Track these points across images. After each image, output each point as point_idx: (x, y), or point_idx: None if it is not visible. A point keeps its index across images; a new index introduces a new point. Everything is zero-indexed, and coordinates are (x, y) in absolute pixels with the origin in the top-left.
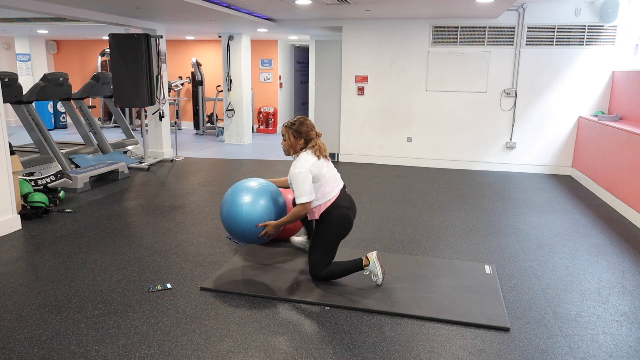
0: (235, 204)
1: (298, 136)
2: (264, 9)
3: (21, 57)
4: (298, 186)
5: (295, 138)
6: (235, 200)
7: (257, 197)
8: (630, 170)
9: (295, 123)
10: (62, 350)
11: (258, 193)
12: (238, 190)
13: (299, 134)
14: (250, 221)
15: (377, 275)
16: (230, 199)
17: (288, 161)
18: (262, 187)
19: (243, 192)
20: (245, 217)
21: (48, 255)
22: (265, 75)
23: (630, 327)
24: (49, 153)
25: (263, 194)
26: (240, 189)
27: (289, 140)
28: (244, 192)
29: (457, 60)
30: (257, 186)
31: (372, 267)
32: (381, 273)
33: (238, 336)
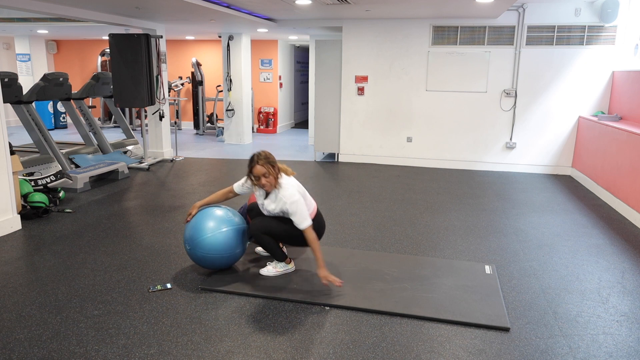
0: (200, 240)
1: (274, 167)
2: (264, 9)
3: (21, 57)
4: (300, 213)
5: (274, 169)
6: (199, 237)
7: (218, 225)
8: (630, 170)
9: (268, 156)
10: (62, 350)
11: (217, 222)
12: (197, 231)
13: (274, 164)
14: (219, 247)
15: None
16: (195, 240)
17: (288, 161)
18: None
19: (202, 229)
20: (216, 246)
21: (48, 255)
22: (265, 75)
23: (630, 327)
24: (49, 153)
25: (220, 221)
26: (199, 228)
27: (272, 174)
28: (203, 229)
29: (457, 60)
30: (209, 219)
31: (284, 267)
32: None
33: (238, 336)
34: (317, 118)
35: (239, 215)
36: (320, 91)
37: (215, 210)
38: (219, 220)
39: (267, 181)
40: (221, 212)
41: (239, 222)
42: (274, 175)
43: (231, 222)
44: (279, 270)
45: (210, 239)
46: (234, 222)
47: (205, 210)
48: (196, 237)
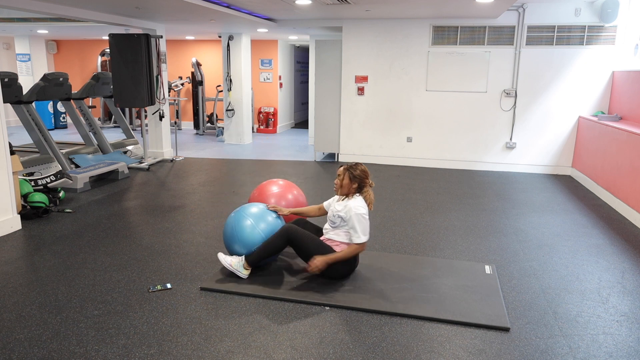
0: (238, 225)
1: (353, 180)
2: (264, 9)
3: (21, 57)
4: (361, 225)
5: (350, 181)
6: (239, 222)
7: (258, 220)
8: (630, 170)
9: (355, 168)
10: (62, 350)
11: (259, 217)
12: (241, 216)
13: (354, 178)
14: (247, 242)
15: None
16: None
17: (288, 161)
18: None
19: (246, 217)
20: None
21: (48, 255)
22: (265, 75)
23: (630, 327)
24: (49, 153)
25: (263, 218)
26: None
27: (343, 180)
28: (247, 217)
29: (457, 60)
30: (257, 212)
31: (239, 268)
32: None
33: (238, 336)
34: (317, 118)
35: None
36: (320, 91)
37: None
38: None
39: (338, 182)
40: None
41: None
42: (343, 182)
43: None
44: (233, 266)
45: (254, 233)
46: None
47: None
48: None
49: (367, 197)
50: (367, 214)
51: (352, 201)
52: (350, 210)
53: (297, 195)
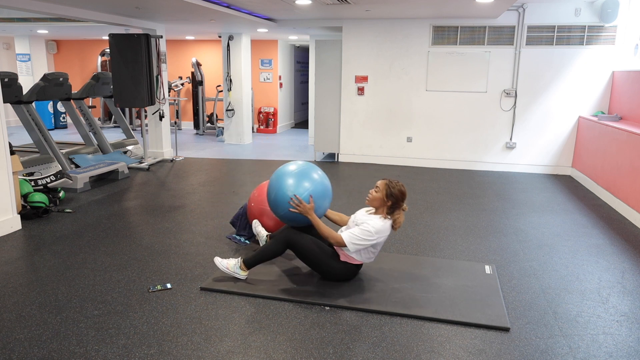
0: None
1: (389, 197)
2: (264, 9)
3: (21, 57)
4: (360, 237)
5: (385, 196)
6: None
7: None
8: (630, 170)
9: (395, 186)
10: (62, 350)
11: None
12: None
13: (390, 196)
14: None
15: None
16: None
17: (288, 161)
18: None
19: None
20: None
21: (48, 255)
22: (265, 75)
23: (630, 327)
24: (49, 153)
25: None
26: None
27: (379, 194)
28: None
29: (457, 60)
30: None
31: (236, 271)
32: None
33: (238, 336)
34: (317, 118)
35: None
36: (320, 91)
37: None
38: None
39: (374, 193)
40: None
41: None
42: (378, 196)
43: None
44: (230, 269)
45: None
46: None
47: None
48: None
49: (397, 220)
50: (375, 236)
51: (377, 218)
52: (366, 222)
53: None
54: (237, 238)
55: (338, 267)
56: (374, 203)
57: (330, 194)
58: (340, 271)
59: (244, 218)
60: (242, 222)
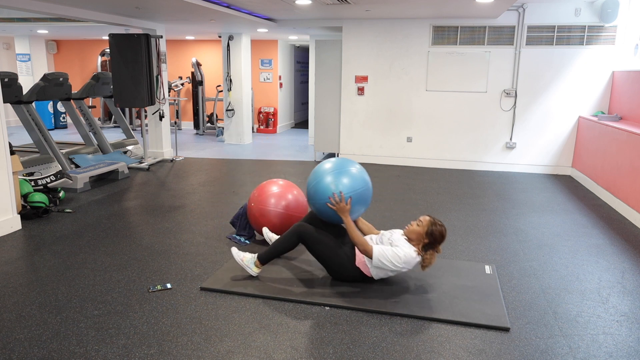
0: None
1: (428, 234)
2: (264, 9)
3: (21, 57)
4: (389, 258)
5: (425, 233)
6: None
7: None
8: (630, 170)
9: (437, 227)
10: (62, 350)
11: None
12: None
13: (430, 234)
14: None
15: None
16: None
17: (288, 161)
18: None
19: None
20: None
21: (48, 255)
22: (265, 75)
23: (630, 327)
24: (49, 153)
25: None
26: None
27: (420, 228)
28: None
29: (457, 60)
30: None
31: (250, 265)
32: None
33: (238, 336)
34: (317, 118)
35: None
36: (320, 91)
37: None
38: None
39: (414, 225)
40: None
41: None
42: (420, 233)
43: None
44: (244, 262)
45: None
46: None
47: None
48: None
49: (427, 259)
50: (403, 261)
51: (411, 250)
52: (401, 247)
53: (297, 195)
54: (237, 238)
55: (349, 269)
56: (412, 235)
57: (369, 203)
58: (349, 274)
59: (244, 218)
60: (242, 222)
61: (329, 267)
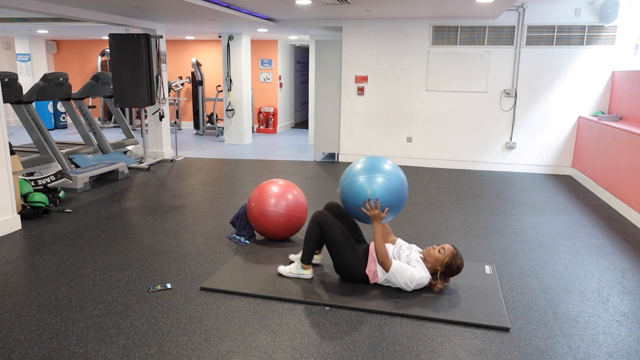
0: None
1: (446, 265)
2: (264, 9)
3: (21, 57)
4: (404, 276)
5: (443, 263)
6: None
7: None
8: (630, 170)
9: (458, 260)
10: (62, 350)
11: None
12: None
13: (448, 266)
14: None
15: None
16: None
17: (288, 161)
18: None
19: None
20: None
21: (48, 255)
22: (265, 75)
23: (630, 327)
24: (49, 153)
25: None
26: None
27: (441, 256)
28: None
29: (457, 60)
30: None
31: (299, 270)
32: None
33: (238, 336)
34: (317, 118)
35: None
36: (320, 91)
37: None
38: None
39: (435, 251)
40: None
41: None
42: (439, 261)
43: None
44: (294, 272)
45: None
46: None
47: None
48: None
49: (436, 286)
50: (418, 278)
51: (425, 273)
52: (417, 267)
53: (297, 195)
54: (237, 238)
55: (357, 271)
56: (430, 258)
57: (399, 212)
58: (356, 275)
59: (244, 218)
60: (242, 222)
61: (338, 260)
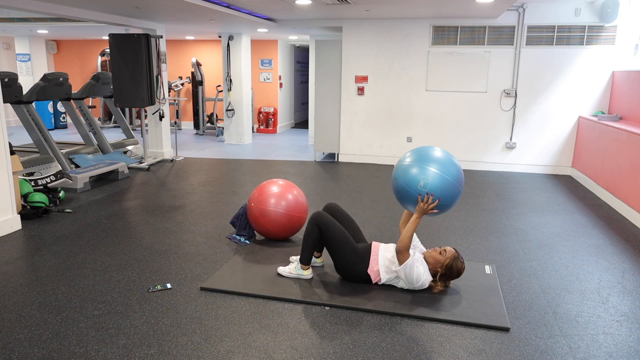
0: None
1: (447, 267)
2: (264, 9)
3: (21, 57)
4: (412, 274)
5: (444, 265)
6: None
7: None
8: (630, 170)
9: (458, 263)
10: (62, 350)
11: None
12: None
13: (448, 268)
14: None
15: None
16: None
17: (288, 161)
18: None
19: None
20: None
21: (48, 255)
22: (265, 75)
23: (630, 327)
24: (49, 153)
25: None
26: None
27: (442, 258)
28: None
29: (457, 60)
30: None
31: (299, 271)
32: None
33: (238, 336)
34: (317, 118)
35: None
36: (320, 91)
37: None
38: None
39: (437, 253)
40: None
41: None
42: (439, 263)
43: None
44: (293, 272)
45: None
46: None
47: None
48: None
49: (436, 288)
50: (424, 279)
51: (428, 276)
52: (423, 269)
53: (297, 195)
54: (237, 238)
55: (358, 270)
56: (431, 259)
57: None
58: (357, 274)
59: (244, 218)
60: (242, 222)
61: (338, 259)
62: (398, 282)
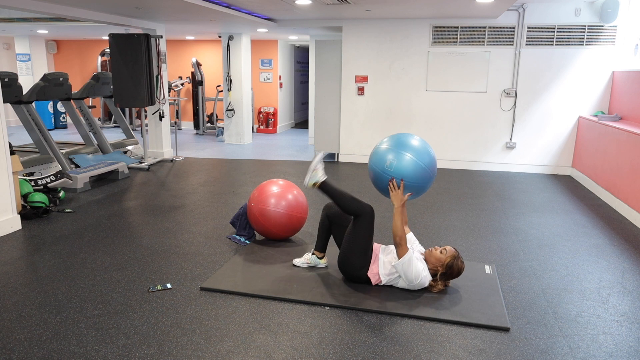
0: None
1: (446, 266)
2: (264, 9)
3: (21, 57)
4: (412, 272)
5: (444, 264)
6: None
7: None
8: (630, 170)
9: (458, 263)
10: (62, 350)
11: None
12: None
13: (448, 267)
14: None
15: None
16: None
17: (288, 161)
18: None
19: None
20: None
21: (48, 255)
22: (265, 75)
23: (630, 327)
24: (49, 153)
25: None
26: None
27: (442, 256)
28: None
29: (457, 60)
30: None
31: (314, 260)
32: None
33: (238, 336)
34: (317, 118)
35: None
36: (320, 91)
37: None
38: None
39: (437, 252)
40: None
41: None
42: (440, 262)
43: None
44: (309, 261)
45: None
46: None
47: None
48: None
49: (436, 287)
50: (423, 277)
51: (427, 275)
52: (424, 267)
53: (297, 195)
54: (237, 238)
55: (358, 270)
56: (431, 259)
57: (420, 195)
58: (357, 274)
59: (244, 218)
60: (242, 222)
61: (344, 251)
62: (398, 282)
